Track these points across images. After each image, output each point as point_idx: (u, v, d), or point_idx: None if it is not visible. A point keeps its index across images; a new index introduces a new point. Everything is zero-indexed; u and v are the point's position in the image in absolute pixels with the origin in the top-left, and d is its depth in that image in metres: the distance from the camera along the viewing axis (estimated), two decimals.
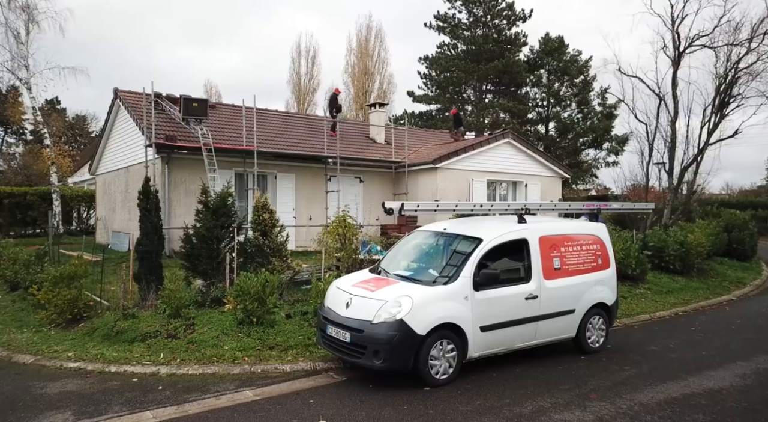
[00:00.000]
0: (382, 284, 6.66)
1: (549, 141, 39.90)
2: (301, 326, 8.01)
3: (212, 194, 14.27)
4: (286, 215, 17.24)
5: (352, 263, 10.17)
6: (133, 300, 8.68)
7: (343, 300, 6.61)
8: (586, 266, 7.66)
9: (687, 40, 17.05)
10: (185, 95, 15.73)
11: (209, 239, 8.80)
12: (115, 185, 18.79)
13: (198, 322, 7.91)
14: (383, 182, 19.56)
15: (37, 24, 23.87)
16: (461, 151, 18.36)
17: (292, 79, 44.27)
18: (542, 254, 7.18)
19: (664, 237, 14.26)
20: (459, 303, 6.33)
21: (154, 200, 8.89)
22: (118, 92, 17.50)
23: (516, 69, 37.53)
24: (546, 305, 7.06)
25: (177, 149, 14.84)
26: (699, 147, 16.22)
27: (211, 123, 17.67)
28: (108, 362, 6.88)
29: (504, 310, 6.69)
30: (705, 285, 13.48)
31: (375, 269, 7.49)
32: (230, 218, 9.07)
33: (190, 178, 15.41)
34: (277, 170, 17.20)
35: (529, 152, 20.09)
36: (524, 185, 20.01)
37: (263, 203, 9.51)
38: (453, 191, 18.30)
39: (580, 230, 7.91)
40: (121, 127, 18.20)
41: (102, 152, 20.11)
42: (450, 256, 7.06)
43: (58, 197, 25.00)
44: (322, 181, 17.84)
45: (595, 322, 7.71)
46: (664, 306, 11.22)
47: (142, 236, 8.78)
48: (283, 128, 19.30)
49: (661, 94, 16.81)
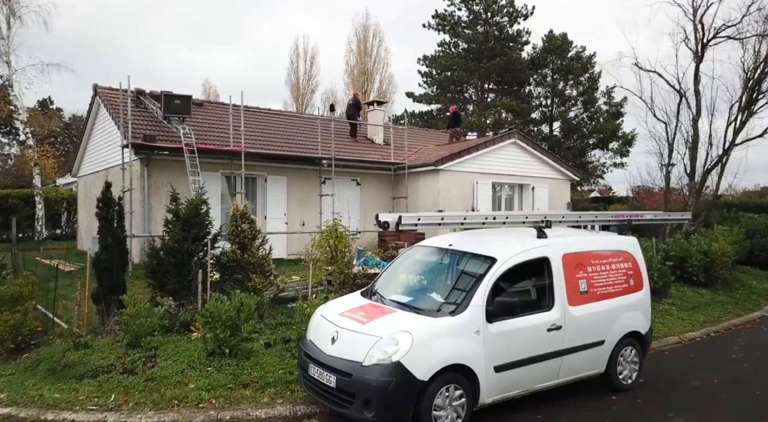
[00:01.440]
0: (376, 314, 5.51)
1: (553, 141, 38.73)
2: (283, 357, 6.86)
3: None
4: (276, 221, 16.12)
5: (345, 279, 9.03)
6: (90, 325, 7.53)
7: (328, 333, 5.47)
8: (617, 288, 6.51)
9: (711, 31, 15.80)
10: (167, 92, 14.60)
11: (179, 254, 7.65)
12: (95, 189, 17.57)
13: (162, 352, 6.76)
14: (381, 185, 18.41)
15: (20, 18, 22.81)
16: (464, 152, 17.22)
17: (290, 79, 43.25)
18: (566, 276, 6.04)
19: (687, 246, 13.10)
20: (469, 339, 5.18)
21: (116, 208, 7.74)
22: (98, 89, 16.35)
23: (519, 67, 36.40)
24: (571, 336, 5.92)
25: (157, 150, 13.69)
26: (724, 147, 15.02)
27: (198, 122, 16.53)
28: (46, 406, 5.72)
29: (522, 345, 5.54)
30: (732, 299, 12.32)
31: (368, 291, 6.34)
32: (203, 228, 7.93)
33: (172, 181, 14.20)
34: (267, 172, 16.06)
35: (536, 153, 18.94)
36: (531, 187, 18.86)
37: (242, 211, 8.35)
38: (456, 194, 17.16)
39: (609, 246, 6.75)
40: (101, 126, 17.06)
41: (83, 152, 18.97)
42: (457, 278, 5.92)
43: (41, 200, 23.90)
44: (316, 184, 16.70)
45: (628, 354, 6.56)
46: (693, 326, 10.07)
47: (102, 250, 7.63)
48: (274, 128, 18.15)
49: (682, 91, 15.60)
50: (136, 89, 16.35)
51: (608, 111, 38.47)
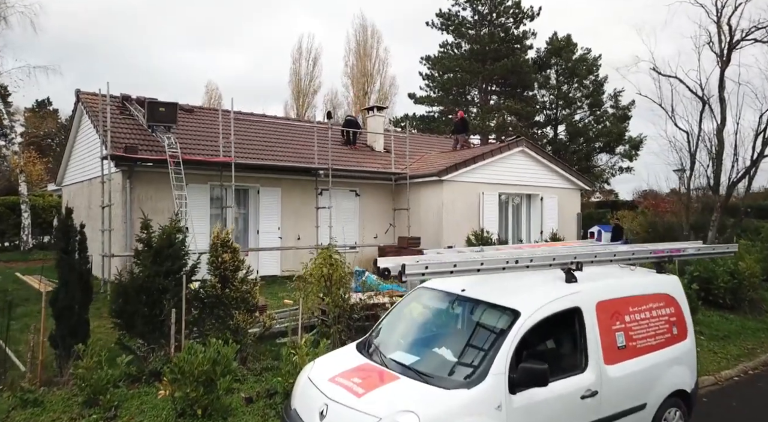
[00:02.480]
0: (374, 382, 4.52)
1: (559, 145, 37.77)
2: (266, 416, 5.88)
3: (181, 217, 12.19)
4: (270, 235, 15.16)
5: (341, 313, 8.04)
6: (46, 374, 6.55)
7: (315, 405, 4.48)
8: (659, 339, 5.51)
9: (738, 33, 14.71)
10: (151, 99, 13.64)
11: (149, 291, 6.66)
12: (79, 200, 16.67)
13: (124, 412, 5.78)
14: (382, 196, 17.43)
15: (5, 19, 21.91)
16: (470, 161, 16.23)
17: (292, 80, 42.34)
18: (601, 328, 5.04)
19: (712, 266, 12.12)
20: (489, 417, 4.20)
21: (76, 237, 6.76)
22: (80, 95, 15.38)
23: (525, 69, 35.42)
24: (609, 402, 4.93)
25: (140, 162, 12.72)
26: (752, 158, 14.01)
27: (187, 130, 15.59)
28: None
29: (552, 419, 4.56)
30: (764, 325, 11.32)
31: (365, 344, 5.36)
32: (179, 260, 6.94)
33: (157, 194, 13.29)
34: (260, 183, 15.08)
35: (545, 162, 17.95)
36: (539, 198, 17.87)
37: (223, 239, 7.36)
38: (460, 206, 16.17)
39: (647, 288, 5.75)
40: (84, 134, 16.10)
41: (67, 161, 18.01)
42: (472, 332, 4.93)
43: (27, 208, 22.98)
44: (313, 195, 15.72)
45: (672, 417, 5.56)
46: (727, 361, 9.07)
47: (60, 287, 6.65)
48: (268, 136, 17.18)
49: (706, 98, 14.54)
50: (122, 95, 15.42)
51: (615, 114, 37.50)
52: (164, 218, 13.36)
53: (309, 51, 42.09)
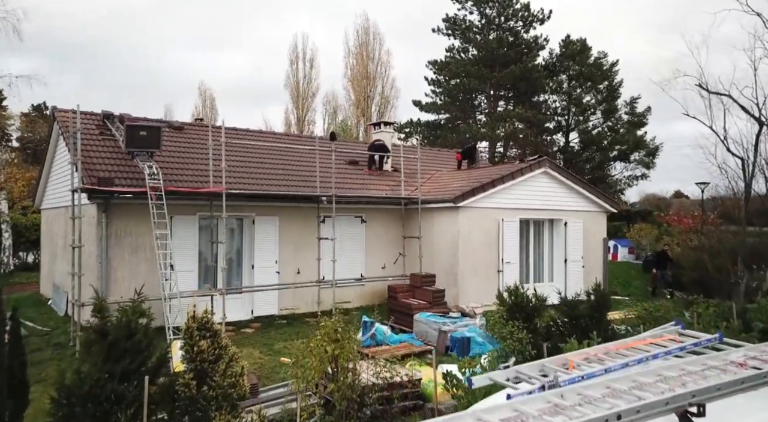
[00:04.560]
0: None
1: (570, 154, 36.17)
2: None
3: (166, 259, 10.59)
4: (266, 271, 13.59)
5: (349, 404, 6.45)
6: None
7: None
8: None
9: None
10: (131, 120, 12.07)
11: (98, 399, 5.08)
12: (56, 226, 15.11)
13: None
14: (390, 222, 15.84)
15: None
16: (488, 185, 14.63)
17: (289, 82, 40.81)
18: None
19: None
20: None
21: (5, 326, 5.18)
22: (56, 113, 13.80)
23: (535, 75, 33.76)
24: None
25: (117, 194, 11.15)
26: None
27: (175, 151, 14.01)
28: None
29: None
30: None
31: None
32: (139, 355, 5.35)
33: (137, 229, 11.72)
34: (255, 212, 13.49)
35: (569, 183, 16.34)
36: (563, 223, 16.27)
37: (200, 321, 5.76)
38: (478, 234, 14.58)
39: None
40: (61, 156, 14.52)
41: (45, 183, 16.43)
42: None
43: (8, 228, 21.51)
44: (314, 223, 14.14)
45: None
46: None
47: None
48: (264, 157, 15.55)
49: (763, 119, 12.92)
50: (103, 112, 13.85)
51: (630, 121, 35.89)
52: (146, 257, 11.88)
53: (305, 52, 40.58)
